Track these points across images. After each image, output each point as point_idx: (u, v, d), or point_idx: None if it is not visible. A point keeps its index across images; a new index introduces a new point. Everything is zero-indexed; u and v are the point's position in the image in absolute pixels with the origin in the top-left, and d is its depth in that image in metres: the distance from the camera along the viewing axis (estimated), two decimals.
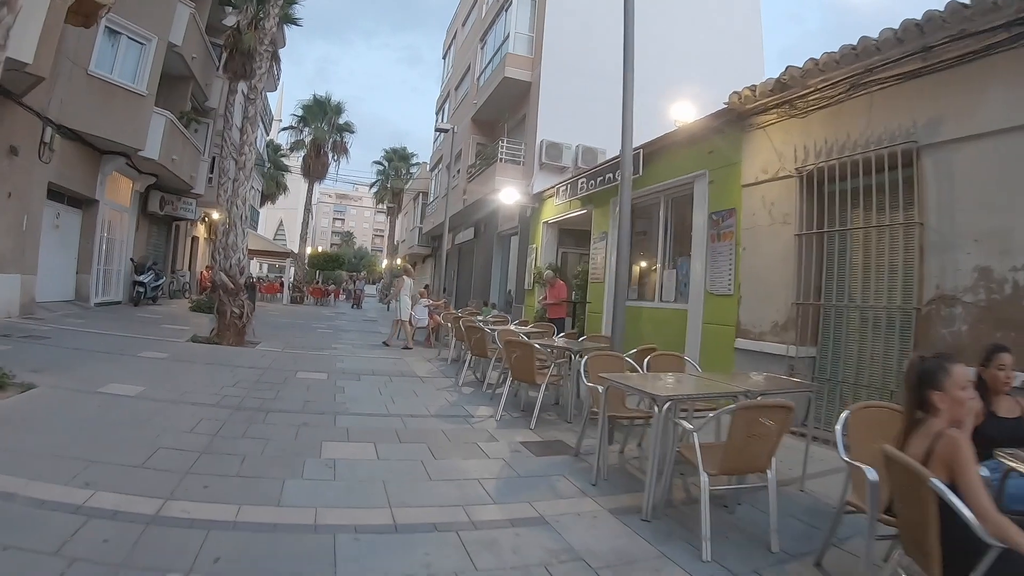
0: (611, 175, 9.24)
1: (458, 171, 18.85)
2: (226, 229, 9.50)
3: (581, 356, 4.77)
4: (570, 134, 13.73)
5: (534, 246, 13.42)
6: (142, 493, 2.77)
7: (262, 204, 32.99)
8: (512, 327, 7.94)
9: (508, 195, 13.22)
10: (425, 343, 10.77)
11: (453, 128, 13.51)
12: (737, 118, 6.55)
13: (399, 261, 35.23)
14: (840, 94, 5.23)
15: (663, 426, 3.08)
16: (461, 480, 3.49)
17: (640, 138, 7.14)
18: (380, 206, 36.74)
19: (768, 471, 2.85)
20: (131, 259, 13.88)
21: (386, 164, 33.42)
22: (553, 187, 12.34)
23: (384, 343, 10.74)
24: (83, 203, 11.95)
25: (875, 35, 4.72)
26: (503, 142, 14.63)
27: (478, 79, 18.01)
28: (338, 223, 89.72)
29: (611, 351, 4.91)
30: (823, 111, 5.46)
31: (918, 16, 4.38)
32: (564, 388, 5.71)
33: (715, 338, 6.65)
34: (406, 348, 10.19)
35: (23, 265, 9.17)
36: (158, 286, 14.58)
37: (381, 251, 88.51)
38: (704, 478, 2.72)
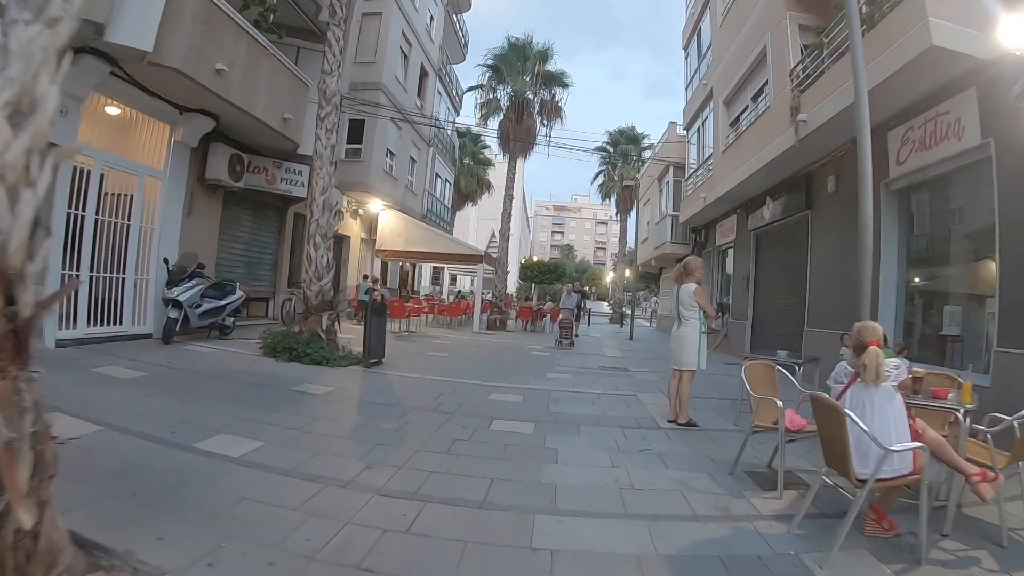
0: None
1: (760, 90, 10.81)
2: None
3: None
4: None
5: None
6: None
7: (460, 206, 28.54)
8: None
9: (1008, 32, 4.78)
10: (874, 526, 2.96)
11: None
12: None
13: (628, 273, 26.72)
14: None
15: None
16: None
17: None
18: (605, 203, 29.87)
19: None
20: (164, 260, 8.57)
21: (611, 149, 26.67)
22: None
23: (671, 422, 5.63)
24: None
25: None
26: None
27: None
28: (556, 236, 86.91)
29: None
30: None
31: None
32: None
33: None
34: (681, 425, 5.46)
35: None
36: (221, 307, 8.80)
37: (603, 264, 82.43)
38: None
